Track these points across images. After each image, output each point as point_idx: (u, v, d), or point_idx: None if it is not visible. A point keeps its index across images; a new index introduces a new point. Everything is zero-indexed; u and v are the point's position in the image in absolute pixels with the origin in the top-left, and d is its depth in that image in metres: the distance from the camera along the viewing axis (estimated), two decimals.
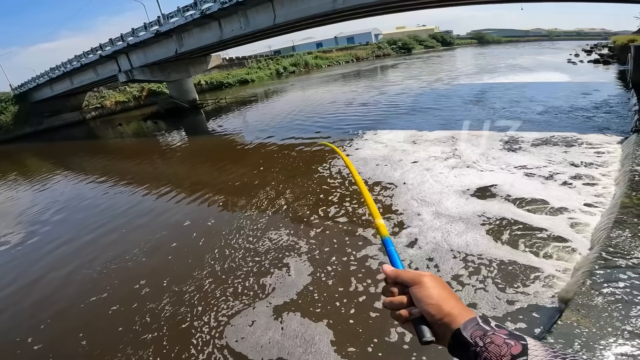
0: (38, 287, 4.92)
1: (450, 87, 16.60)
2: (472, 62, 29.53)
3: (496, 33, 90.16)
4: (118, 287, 4.49)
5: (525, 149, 6.88)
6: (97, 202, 8.47)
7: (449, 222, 4.64)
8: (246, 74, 43.76)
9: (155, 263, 4.92)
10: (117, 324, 3.75)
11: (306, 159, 8.58)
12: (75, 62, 25.74)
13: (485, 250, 3.96)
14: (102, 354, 3.35)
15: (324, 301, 3.56)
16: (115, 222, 6.82)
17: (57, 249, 6.12)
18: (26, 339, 3.81)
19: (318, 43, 69.68)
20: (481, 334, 0.52)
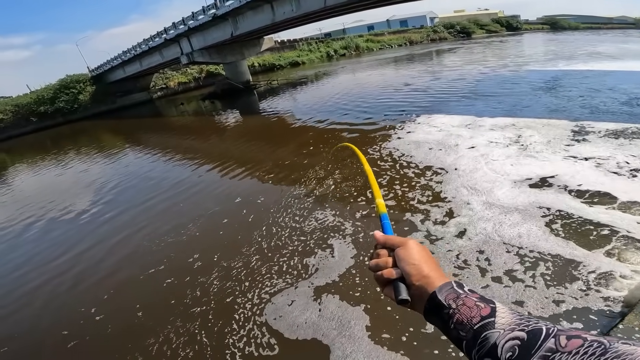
0: (102, 258, 5.28)
1: (517, 72, 15.14)
2: (543, 49, 26.52)
3: (573, 19, 79.61)
4: (174, 260, 4.72)
5: (599, 140, 6.08)
6: (157, 175, 9.16)
7: (502, 213, 4.31)
8: (297, 57, 44.05)
9: (207, 238, 5.15)
10: (170, 297, 3.94)
11: (356, 141, 8.44)
12: (144, 45, 27.80)
13: (542, 245, 3.62)
14: (154, 325, 3.55)
15: (364, 286, 3.53)
16: (173, 195, 7.31)
17: (118, 220, 6.62)
18: (90, 309, 4.06)
19: (369, 26, 67.50)
20: (455, 296, 0.56)
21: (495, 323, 0.49)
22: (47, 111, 32.11)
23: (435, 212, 4.61)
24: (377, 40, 53.29)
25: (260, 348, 3.04)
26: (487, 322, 0.49)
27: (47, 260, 5.59)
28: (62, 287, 4.71)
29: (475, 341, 0.49)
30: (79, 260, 5.38)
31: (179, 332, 3.41)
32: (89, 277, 4.84)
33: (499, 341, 0.46)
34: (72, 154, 16.07)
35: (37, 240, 6.59)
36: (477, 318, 0.50)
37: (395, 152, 7.04)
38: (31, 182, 12.45)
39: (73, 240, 6.15)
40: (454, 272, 3.44)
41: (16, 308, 4.44)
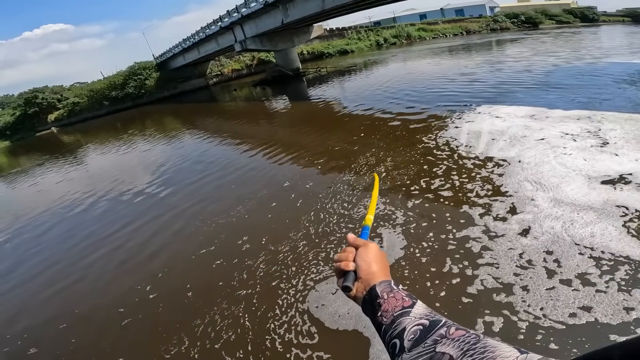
0: (155, 236, 5.52)
1: (595, 64, 13.44)
2: (625, 41, 23.32)
3: None
4: (224, 241, 4.82)
5: None
6: (210, 157, 9.57)
7: (573, 211, 3.84)
8: (346, 45, 43.41)
9: (256, 220, 5.21)
10: (218, 278, 4.02)
11: (410, 129, 8.09)
12: (201, 33, 29.17)
13: (617, 247, 3.19)
14: (201, 306, 3.64)
15: (412, 278, 3.36)
16: (224, 176, 7.57)
17: (173, 199, 6.97)
18: (145, 287, 4.22)
19: (422, 15, 64.17)
20: (388, 290, 0.65)
21: (411, 313, 0.59)
22: (117, 96, 35.19)
23: (496, 207, 4.24)
24: (431, 29, 50.62)
25: (300, 336, 3.01)
26: (405, 311, 0.60)
27: (110, 234, 6.09)
28: (120, 263, 5.02)
29: (391, 325, 0.59)
30: (133, 237, 5.73)
31: (224, 314, 3.47)
32: (144, 255, 5.09)
33: (408, 326, 0.57)
34: (137, 135, 17.45)
35: (100, 216, 7.25)
36: (399, 308, 0.61)
37: (453, 141, 6.64)
38: (99, 161, 13.75)
39: (129, 217, 6.58)
40: (515, 272, 3.13)
41: (76, 280, 4.83)
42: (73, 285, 4.74)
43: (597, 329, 2.48)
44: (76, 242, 6.11)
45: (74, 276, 4.95)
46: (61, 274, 5.09)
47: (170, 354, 3.16)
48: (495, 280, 3.11)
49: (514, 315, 2.73)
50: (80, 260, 5.40)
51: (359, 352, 2.73)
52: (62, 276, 5.02)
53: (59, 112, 35.09)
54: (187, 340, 3.26)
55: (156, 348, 3.25)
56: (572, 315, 2.61)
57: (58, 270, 5.25)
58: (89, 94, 35.67)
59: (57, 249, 6.04)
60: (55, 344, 3.66)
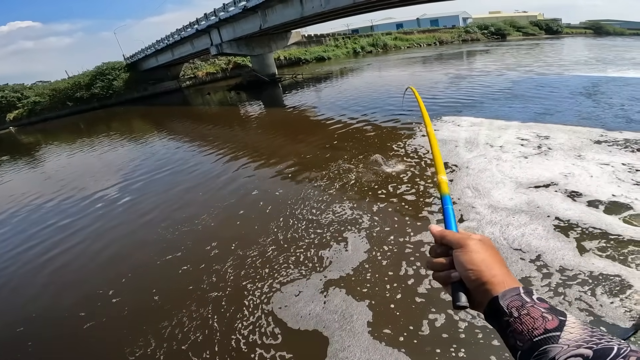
0: (116, 243, 5.40)
1: (557, 76, 14.47)
2: (584, 53, 25.15)
3: (619, 24, 74.58)
4: (191, 248, 4.80)
5: (632, 151, 5.74)
6: (177, 163, 9.33)
7: (508, 216, 4.22)
8: (323, 52, 43.89)
9: (224, 228, 5.18)
10: (186, 282, 4.03)
11: (381, 137, 8.37)
12: (176, 35, 28.62)
13: (545, 248, 3.55)
14: (169, 309, 3.65)
15: (372, 281, 3.51)
16: (190, 184, 7.42)
17: (134, 206, 6.78)
18: (108, 291, 4.17)
19: (398, 24, 65.99)
20: (519, 304, 0.49)
21: (560, 338, 0.43)
22: (82, 96, 33.68)
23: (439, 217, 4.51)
24: (406, 39, 52.20)
25: (265, 337, 3.09)
26: (551, 335, 0.44)
27: (65, 241, 5.86)
28: (79, 268, 4.90)
29: (531, 353, 0.45)
30: (94, 243, 5.56)
31: (192, 316, 3.50)
32: (105, 260, 4.99)
33: (558, 357, 0.42)
34: (102, 137, 16.79)
35: (51, 217, 6.94)
36: (540, 330, 0.45)
37: (421, 148, 7.01)
38: (58, 163, 13.06)
39: (86, 224, 6.35)
40: None
41: (37, 288, 4.63)
42: (28, 288, 4.53)
43: None
44: (30, 245, 5.84)
45: (28, 279, 4.73)
46: (9, 277, 4.85)
47: (136, 355, 3.14)
48: None
49: (456, 314, 2.94)
50: (29, 264, 5.21)
51: (318, 350, 2.84)
52: (12, 279, 4.78)
53: (19, 111, 33.18)
54: (154, 341, 3.26)
55: (120, 350, 3.22)
56: None
57: (9, 274, 5.00)
58: (51, 93, 33.98)
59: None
60: (12, 350, 3.52)
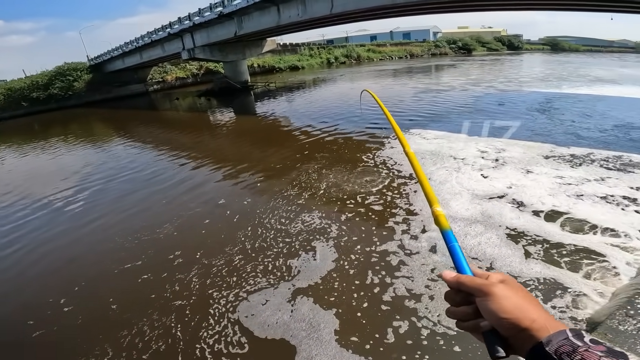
0: (73, 250, 5.19)
1: (515, 92, 15.51)
2: (540, 69, 27.21)
3: (575, 41, 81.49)
4: (152, 257, 4.65)
5: (585, 166, 6.27)
6: (138, 169, 8.98)
7: (466, 225, 4.48)
8: (297, 61, 44.28)
9: (188, 237, 5.07)
10: (148, 291, 3.92)
11: (351, 147, 8.56)
12: (147, 38, 27.81)
13: (500, 256, 3.78)
14: (129, 318, 3.53)
15: (340, 290, 3.58)
16: (152, 191, 7.18)
17: (88, 212, 6.47)
18: (59, 299, 3.98)
19: (372, 36, 68.14)
20: (570, 349, 0.43)
21: None
22: (39, 97, 31.74)
23: (412, 225, 4.69)
24: (379, 51, 53.86)
25: (230, 345, 3.06)
26: None
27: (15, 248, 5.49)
28: (27, 275, 4.63)
29: None
30: (44, 249, 5.28)
31: (154, 325, 3.40)
32: (53, 268, 4.75)
33: None
34: (58, 140, 15.79)
35: None
36: None
37: (389, 160, 7.26)
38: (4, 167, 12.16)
39: (38, 229, 6.01)
40: (427, 285, 3.49)
41: None
42: None
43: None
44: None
45: None
46: None
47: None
48: (408, 291, 3.45)
49: (419, 321, 3.07)
50: None
51: (285, 359, 2.85)
52: None
53: None
54: (112, 350, 3.14)
55: None
56: None
57: None
58: (5, 92, 31.77)
59: None
60: None
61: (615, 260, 3.59)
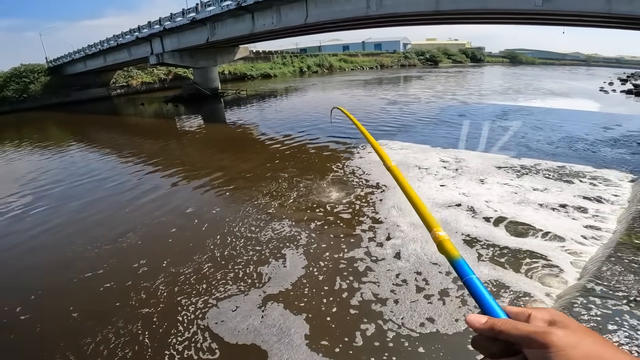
0: (27, 259, 5.00)
1: (475, 104, 16.53)
2: (499, 82, 29.12)
3: (531, 54, 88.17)
4: (115, 265, 4.56)
5: (532, 175, 6.84)
6: (99, 177, 8.67)
7: (427, 233, 4.73)
8: (270, 69, 44.31)
9: (153, 245, 5.00)
10: (111, 299, 3.84)
11: (322, 156, 8.76)
12: (113, 41, 26.81)
13: (472, 267, 4.03)
14: (92, 326, 3.47)
15: (309, 296, 3.70)
16: (116, 199, 7.00)
17: (50, 220, 6.20)
18: (15, 307, 3.86)
19: (345, 46, 69.73)
20: None
21: None
22: None
23: (377, 232, 4.91)
24: (351, 61, 55.11)
25: (201, 352, 3.09)
26: None
27: None
28: None
29: None
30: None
31: (120, 332, 3.36)
32: (7, 275, 4.63)
33: None
34: (7, 144, 14.75)
35: None
36: None
37: (357, 170, 7.51)
38: None
39: None
40: (392, 289, 3.69)
41: None
42: None
43: (440, 336, 3.10)
44: None
45: None
46: None
47: None
48: (374, 296, 3.63)
49: (385, 324, 3.25)
50: None
51: None
52: None
53: None
54: (74, 358, 3.09)
55: None
56: (421, 324, 3.21)
57: None
58: None
59: None
60: None
61: (560, 264, 3.97)
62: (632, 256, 3.63)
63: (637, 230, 4.22)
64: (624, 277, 3.29)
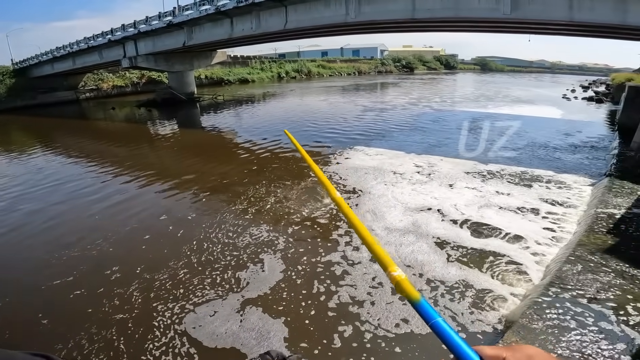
0: None
1: (448, 111, 17.18)
2: (470, 90, 30.37)
3: (501, 61, 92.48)
4: (85, 272, 4.44)
5: (497, 180, 7.20)
6: (67, 181, 8.36)
7: (400, 236, 4.95)
8: (248, 74, 43.96)
9: (126, 252, 4.90)
10: (83, 306, 3.76)
11: (299, 162, 8.81)
12: (83, 43, 25.87)
13: (440, 269, 4.20)
14: (64, 332, 3.40)
15: (288, 299, 3.74)
16: (85, 204, 6.79)
17: (14, 229, 5.96)
18: None
19: (324, 52, 70.29)
20: None
21: None
22: None
23: (354, 237, 4.97)
24: (329, 67, 55.59)
25: (179, 356, 3.07)
26: None
27: None
28: None
29: None
30: None
31: (94, 338, 3.30)
32: None
33: None
34: None
35: None
36: None
37: (334, 175, 7.64)
38: None
39: None
40: (369, 292, 3.80)
41: None
42: None
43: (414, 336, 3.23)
44: None
45: None
46: None
47: None
48: (351, 298, 3.73)
49: (362, 325, 3.34)
50: None
51: None
52: None
53: None
54: None
55: None
56: (396, 325, 3.33)
57: None
58: None
59: None
60: None
61: (525, 264, 4.22)
62: (590, 256, 3.90)
63: (595, 231, 4.52)
64: (584, 276, 3.53)
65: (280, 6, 15.11)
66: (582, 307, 3.09)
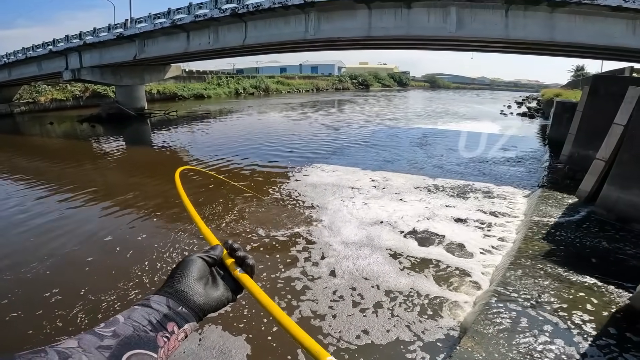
0: None
1: (401, 128, 18.17)
2: (421, 107, 32.45)
3: (448, 78, 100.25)
4: (22, 295, 4.14)
5: (444, 194, 7.69)
6: None
7: (357, 249, 5.13)
8: (203, 89, 42.95)
9: (68, 274, 4.59)
10: (21, 328, 3.54)
11: (258, 181, 8.79)
12: (21, 54, 23.85)
13: (394, 280, 4.38)
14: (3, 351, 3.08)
15: (249, 316, 3.70)
16: (18, 226, 6.27)
17: None
18: None
19: (282, 68, 70.98)
20: None
21: None
22: None
23: (312, 253, 5.08)
24: (287, 83, 56.07)
25: None
26: None
27: None
28: None
29: None
30: None
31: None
32: None
33: None
34: None
35: None
36: None
37: (294, 192, 7.71)
38: None
39: None
40: (330, 305, 3.86)
41: None
42: None
43: (375, 347, 3.33)
44: None
45: None
46: None
47: None
48: (313, 312, 3.78)
49: (325, 339, 3.38)
50: None
51: None
52: None
53: None
54: None
55: None
56: (357, 337, 3.42)
57: None
58: None
59: None
60: None
61: (472, 272, 4.54)
62: (529, 262, 4.33)
63: (532, 239, 5.02)
64: (526, 281, 3.90)
65: (239, 22, 15.15)
66: (528, 311, 3.39)
